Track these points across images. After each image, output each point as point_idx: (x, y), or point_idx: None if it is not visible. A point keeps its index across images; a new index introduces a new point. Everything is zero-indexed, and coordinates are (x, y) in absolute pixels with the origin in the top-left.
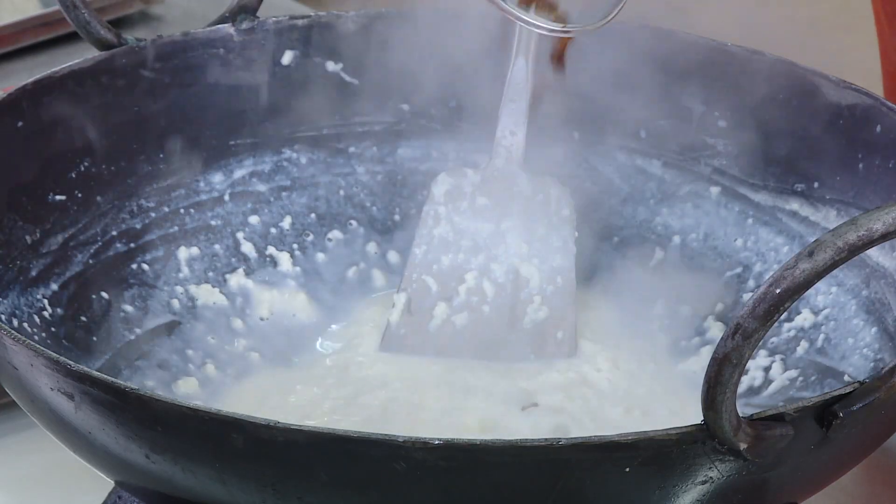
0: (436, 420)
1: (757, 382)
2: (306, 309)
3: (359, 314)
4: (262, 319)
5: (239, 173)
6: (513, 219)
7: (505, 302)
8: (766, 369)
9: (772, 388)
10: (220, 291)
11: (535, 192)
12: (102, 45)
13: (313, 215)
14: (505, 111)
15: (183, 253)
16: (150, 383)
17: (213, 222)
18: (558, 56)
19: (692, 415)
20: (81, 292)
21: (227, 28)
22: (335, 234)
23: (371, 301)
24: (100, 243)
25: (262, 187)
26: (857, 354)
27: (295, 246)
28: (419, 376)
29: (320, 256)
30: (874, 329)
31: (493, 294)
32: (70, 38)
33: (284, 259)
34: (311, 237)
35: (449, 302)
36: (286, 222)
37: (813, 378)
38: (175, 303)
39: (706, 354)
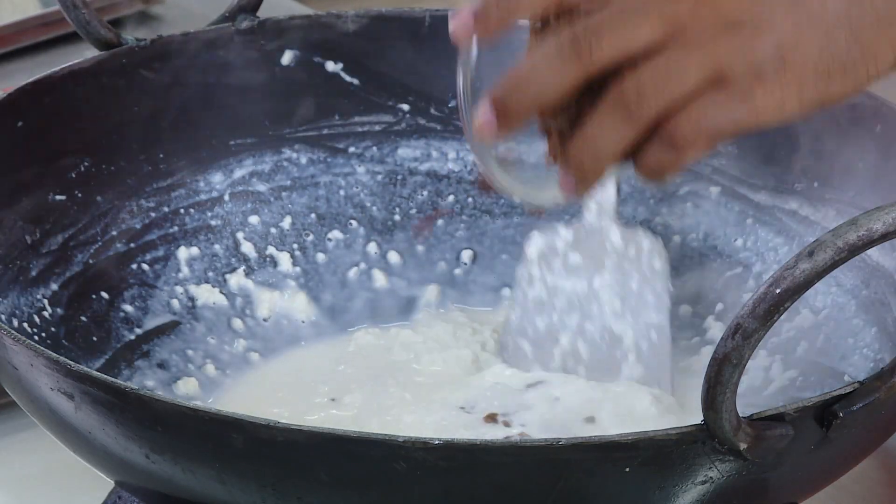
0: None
1: (757, 382)
2: (306, 309)
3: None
4: (263, 320)
5: (239, 173)
6: (605, 275)
7: (601, 361)
8: (766, 369)
9: (772, 388)
10: (221, 291)
11: (626, 245)
12: (102, 45)
13: (313, 215)
14: None
15: (183, 253)
16: (150, 383)
17: (213, 222)
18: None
19: (692, 415)
20: (81, 292)
21: (227, 28)
22: (335, 234)
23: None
24: (100, 243)
25: (262, 187)
26: (857, 354)
27: (295, 246)
28: None
29: (320, 256)
30: (874, 329)
31: (588, 355)
32: (70, 38)
33: (284, 259)
34: (311, 237)
35: (545, 366)
36: (286, 222)
37: (813, 378)
38: (175, 303)
39: (706, 354)
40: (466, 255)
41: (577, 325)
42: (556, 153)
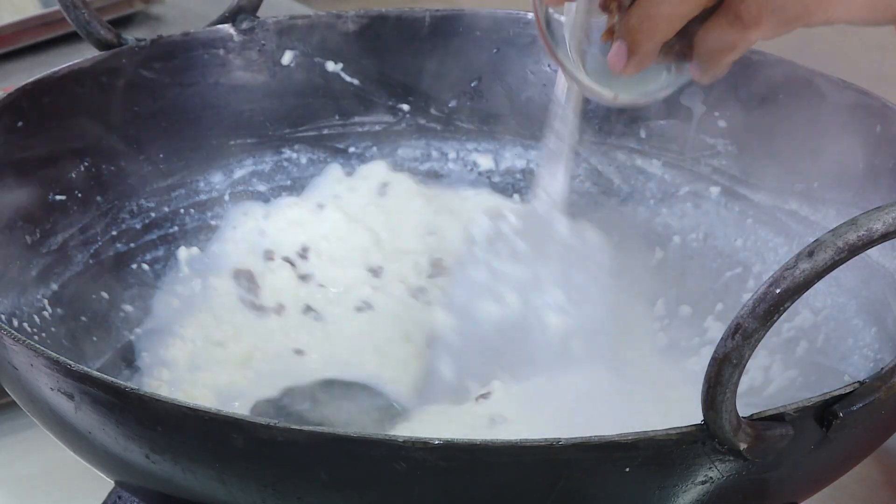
0: None
1: (757, 382)
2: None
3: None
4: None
5: (239, 173)
6: (550, 265)
7: (538, 351)
8: (766, 369)
9: (772, 388)
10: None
11: (573, 238)
12: (102, 45)
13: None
14: (548, 153)
15: (183, 253)
16: (150, 383)
17: (213, 222)
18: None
19: (692, 415)
20: (81, 292)
21: (227, 28)
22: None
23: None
24: (100, 243)
25: (262, 187)
26: (857, 354)
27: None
28: None
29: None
30: (874, 329)
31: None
32: (70, 38)
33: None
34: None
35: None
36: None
37: (813, 378)
38: (175, 302)
39: (706, 354)
40: None
41: (518, 312)
42: (614, 25)
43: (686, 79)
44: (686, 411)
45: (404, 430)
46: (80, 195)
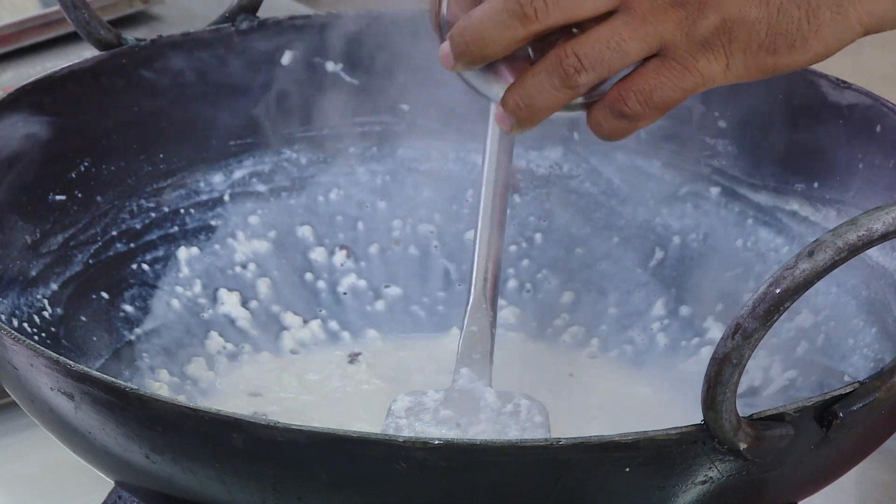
0: None
1: (757, 382)
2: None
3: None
4: (263, 320)
5: (239, 173)
6: (481, 426)
7: None
8: (766, 369)
9: (772, 388)
10: (221, 292)
11: (503, 405)
12: (102, 45)
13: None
14: (466, 336)
15: (183, 253)
16: (150, 383)
17: (213, 222)
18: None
19: (692, 415)
20: (81, 292)
21: (227, 28)
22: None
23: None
24: (100, 243)
25: (262, 187)
26: (857, 354)
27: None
28: None
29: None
30: (874, 329)
31: None
32: (70, 38)
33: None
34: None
35: None
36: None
37: (813, 378)
38: (175, 303)
39: (706, 354)
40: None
41: None
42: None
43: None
44: (686, 411)
45: None
46: (80, 195)
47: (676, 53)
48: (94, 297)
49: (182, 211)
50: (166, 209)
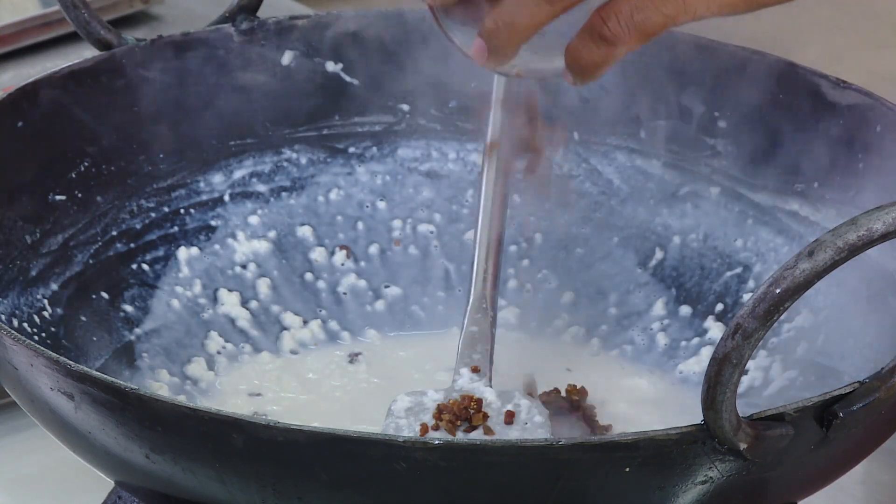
0: None
1: (757, 382)
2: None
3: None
4: (263, 320)
5: (239, 173)
6: (480, 429)
7: None
8: (766, 369)
9: (772, 388)
10: (221, 292)
11: (503, 404)
12: (102, 45)
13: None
14: (466, 336)
15: (183, 253)
16: (150, 383)
17: (213, 222)
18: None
19: (692, 415)
20: (81, 292)
21: (227, 28)
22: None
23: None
24: (100, 243)
25: (262, 187)
26: (857, 354)
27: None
28: None
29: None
30: (874, 329)
31: None
32: (70, 38)
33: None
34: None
35: None
36: (286, 223)
37: (813, 378)
38: (175, 303)
39: (706, 354)
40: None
41: None
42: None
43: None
44: (686, 411)
45: None
46: (80, 195)
47: None
48: (94, 297)
49: (182, 211)
50: (166, 209)
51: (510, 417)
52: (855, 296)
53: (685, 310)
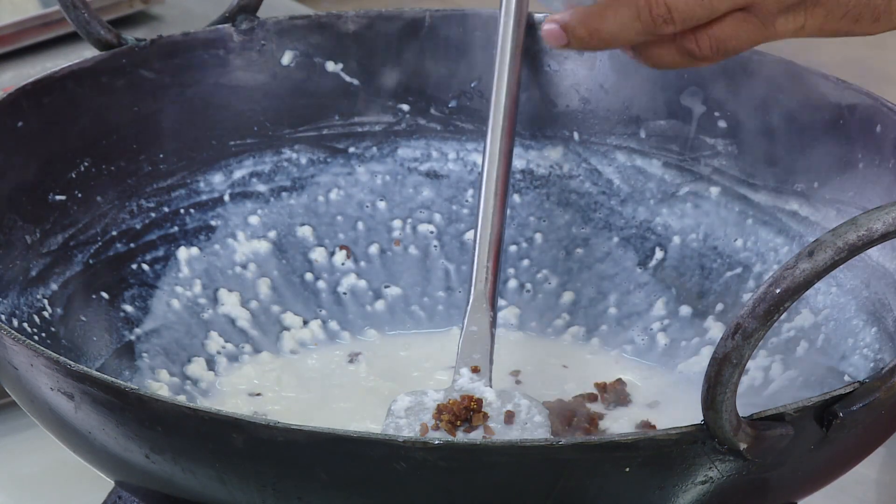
0: None
1: (757, 382)
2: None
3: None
4: (263, 320)
5: (239, 173)
6: (480, 429)
7: None
8: (766, 369)
9: (772, 388)
10: (221, 292)
11: (503, 404)
12: (102, 45)
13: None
14: (466, 336)
15: (183, 253)
16: (150, 383)
17: (213, 222)
18: None
19: (692, 415)
20: (81, 292)
21: (227, 28)
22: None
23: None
24: (100, 243)
25: (262, 187)
26: (857, 354)
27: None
28: None
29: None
30: (874, 329)
31: None
32: (70, 38)
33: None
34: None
35: None
36: (286, 223)
37: (813, 378)
38: (175, 303)
39: (706, 354)
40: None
41: None
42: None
43: None
44: (686, 411)
45: None
46: (80, 195)
47: (761, 11)
48: (94, 297)
49: (182, 211)
50: (166, 209)
51: (510, 417)
52: (855, 296)
53: (685, 310)
